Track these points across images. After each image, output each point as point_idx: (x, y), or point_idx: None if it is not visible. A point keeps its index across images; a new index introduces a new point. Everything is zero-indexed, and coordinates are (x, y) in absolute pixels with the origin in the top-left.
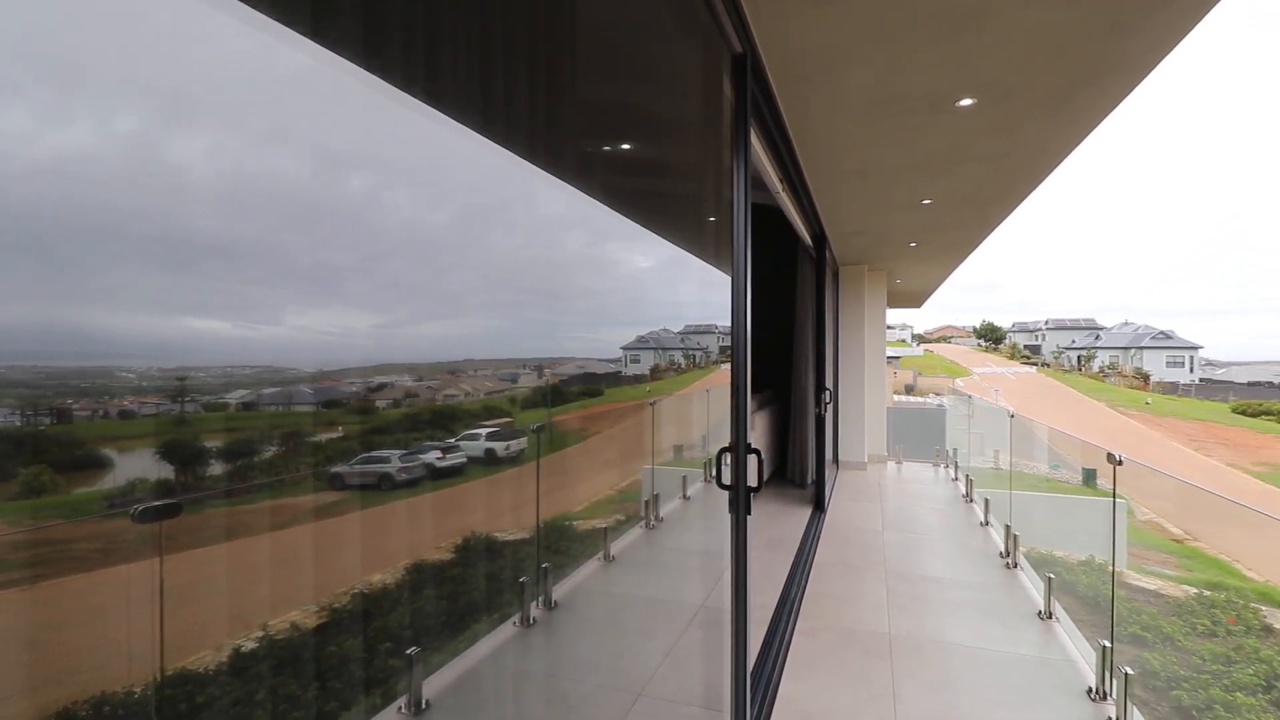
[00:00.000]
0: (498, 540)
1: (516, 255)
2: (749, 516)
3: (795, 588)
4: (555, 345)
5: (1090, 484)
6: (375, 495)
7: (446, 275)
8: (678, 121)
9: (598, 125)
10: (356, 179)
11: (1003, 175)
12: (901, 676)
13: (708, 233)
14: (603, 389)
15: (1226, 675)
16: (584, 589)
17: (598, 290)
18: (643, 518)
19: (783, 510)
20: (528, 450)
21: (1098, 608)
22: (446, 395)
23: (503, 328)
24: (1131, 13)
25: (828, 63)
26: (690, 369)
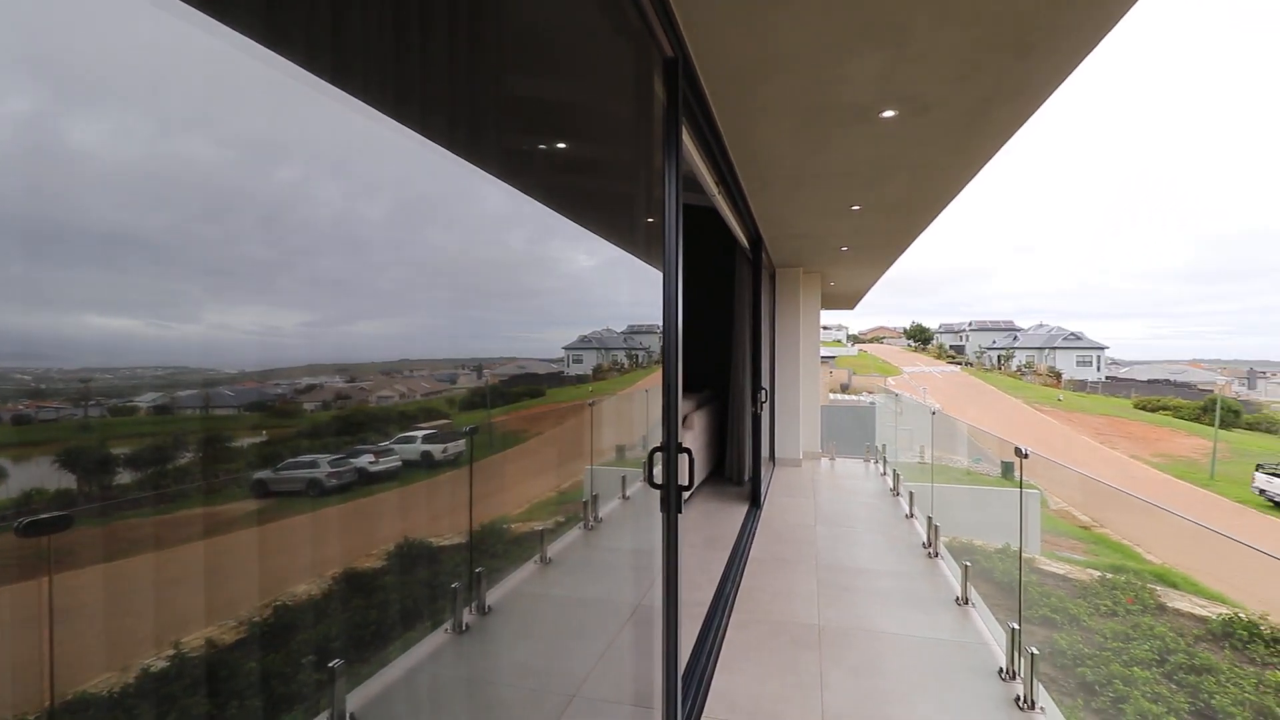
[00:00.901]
0: (432, 546)
1: (455, 253)
2: (681, 515)
3: (730, 583)
4: (496, 345)
5: (1008, 476)
6: (302, 502)
7: (381, 272)
8: (616, 123)
9: (535, 124)
10: (283, 170)
11: (925, 184)
12: (828, 664)
13: (648, 233)
14: (544, 389)
15: (1125, 651)
16: (520, 592)
17: (540, 290)
18: (582, 519)
19: (721, 508)
20: (466, 453)
21: (1012, 592)
22: (381, 397)
23: (441, 327)
24: (1037, 34)
25: (758, 70)
26: (633, 369)
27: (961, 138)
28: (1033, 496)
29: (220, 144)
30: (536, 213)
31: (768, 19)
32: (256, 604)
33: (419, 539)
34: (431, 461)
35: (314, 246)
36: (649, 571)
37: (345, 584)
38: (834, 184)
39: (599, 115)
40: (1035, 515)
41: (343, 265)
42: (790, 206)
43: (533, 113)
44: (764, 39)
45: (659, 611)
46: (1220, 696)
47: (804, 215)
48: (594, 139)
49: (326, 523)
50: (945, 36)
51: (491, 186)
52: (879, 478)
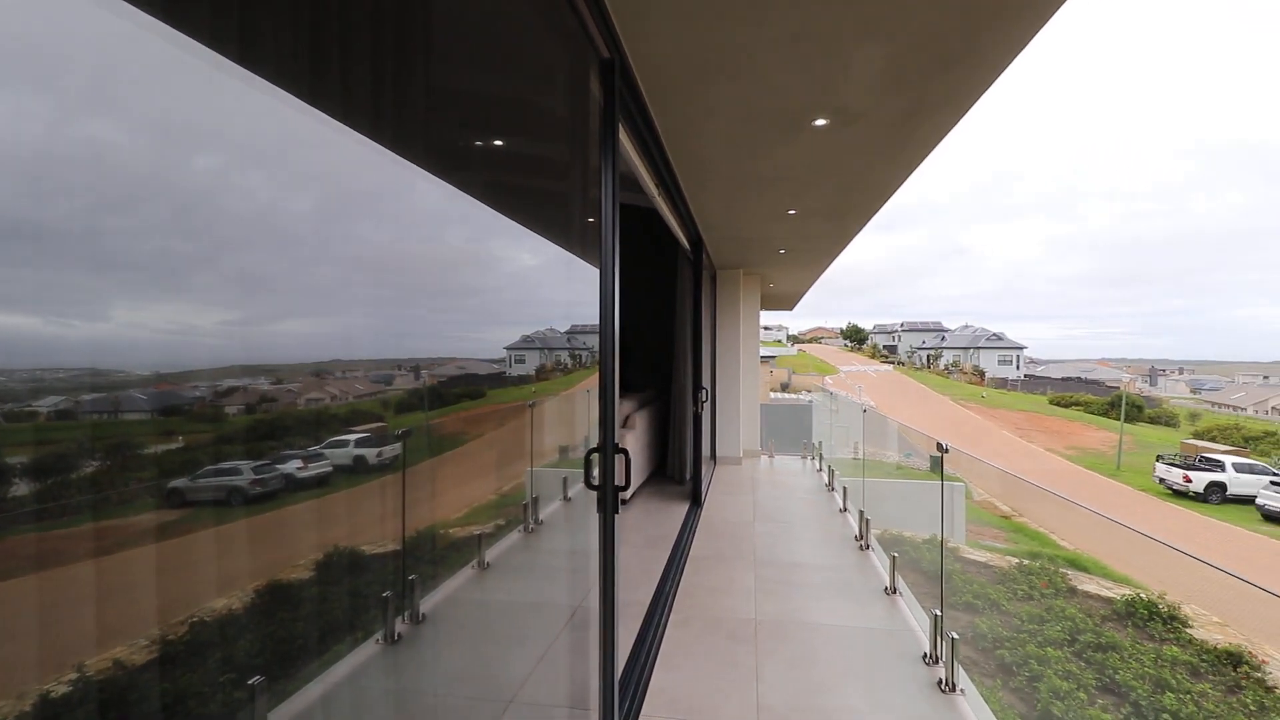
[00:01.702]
0: (364, 553)
1: (391, 250)
2: (621, 515)
3: (670, 581)
4: (434, 345)
5: (936, 470)
6: (223, 512)
7: (310, 269)
8: (553, 122)
9: (470, 121)
10: (202, 158)
11: (856, 191)
12: (764, 657)
13: (590, 233)
14: (485, 390)
15: (1040, 633)
16: (456, 599)
17: (480, 289)
18: (522, 521)
19: (662, 507)
20: (403, 457)
21: (938, 580)
22: (310, 399)
23: (375, 326)
24: (957, 50)
25: (694, 75)
26: (576, 369)
27: (889, 147)
28: (957, 489)
29: (130, 129)
30: (475, 211)
31: (702, 25)
32: (171, 620)
33: (350, 547)
34: (365, 466)
35: (236, 240)
36: (589, 573)
37: (269, 596)
38: (770, 188)
39: (536, 114)
40: (960, 507)
41: (268, 261)
42: (729, 209)
43: (468, 110)
44: (699, 45)
45: (597, 613)
46: (1124, 671)
47: (743, 218)
48: (532, 137)
49: (250, 532)
50: (871, 50)
51: (428, 183)
52: (815, 474)
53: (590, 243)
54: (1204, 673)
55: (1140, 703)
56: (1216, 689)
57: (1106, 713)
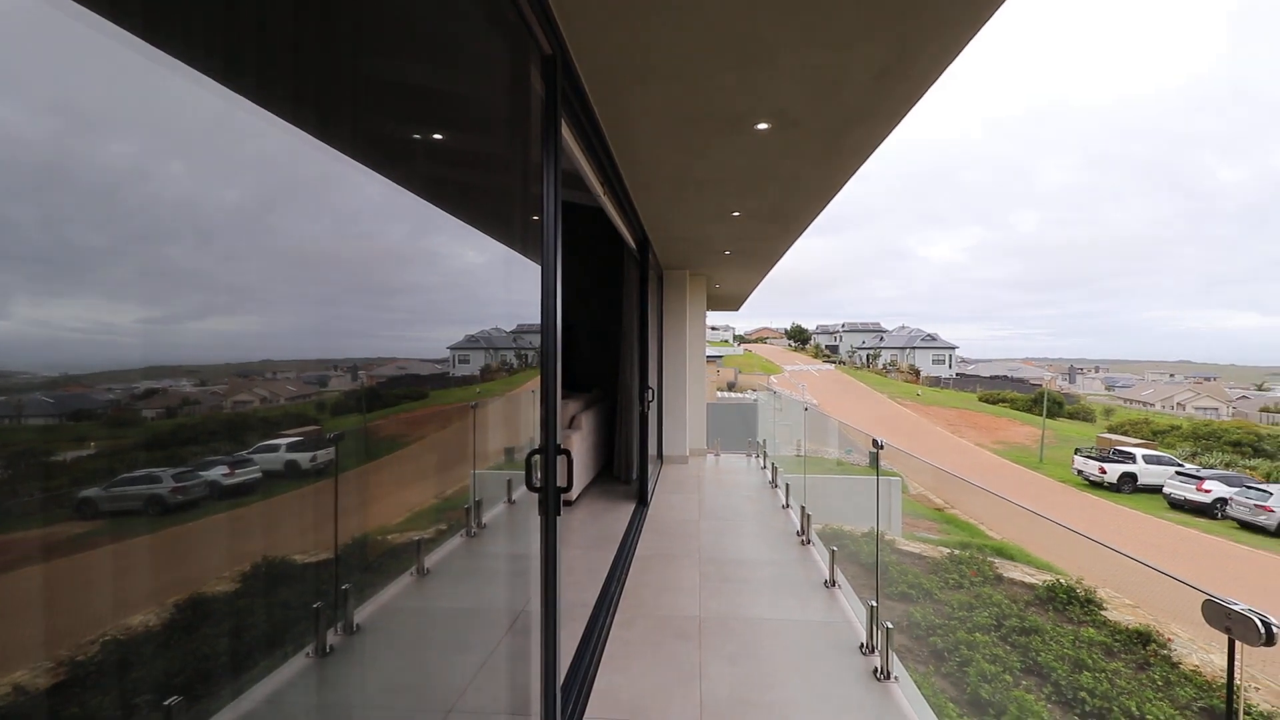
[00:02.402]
0: (296, 563)
1: (325, 245)
2: (566, 517)
3: (615, 582)
4: (373, 345)
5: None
6: (142, 523)
7: (238, 263)
8: (495, 117)
9: (410, 115)
10: (117, 143)
11: (798, 194)
12: (708, 654)
13: (535, 230)
14: (428, 391)
15: (969, 619)
16: (393, 607)
17: (422, 287)
18: (464, 526)
19: (609, 507)
20: (339, 461)
21: (876, 572)
22: (238, 402)
23: (309, 325)
24: (889, 61)
25: (638, 74)
26: (523, 369)
27: (828, 152)
28: (894, 483)
29: (31, 110)
30: (416, 206)
31: (645, 25)
32: (80, 640)
33: (280, 557)
34: (298, 471)
35: (156, 232)
36: (532, 577)
37: (190, 611)
38: (714, 190)
39: (477, 108)
40: (897, 501)
41: (192, 255)
42: (674, 210)
43: (406, 102)
44: (643, 44)
45: (539, 617)
46: (1045, 653)
47: (688, 219)
48: (473, 132)
49: (170, 544)
50: (810, 58)
51: (363, 176)
52: (759, 471)
53: (535, 240)
54: (1117, 652)
55: (1060, 683)
56: (1128, 667)
57: (1030, 693)
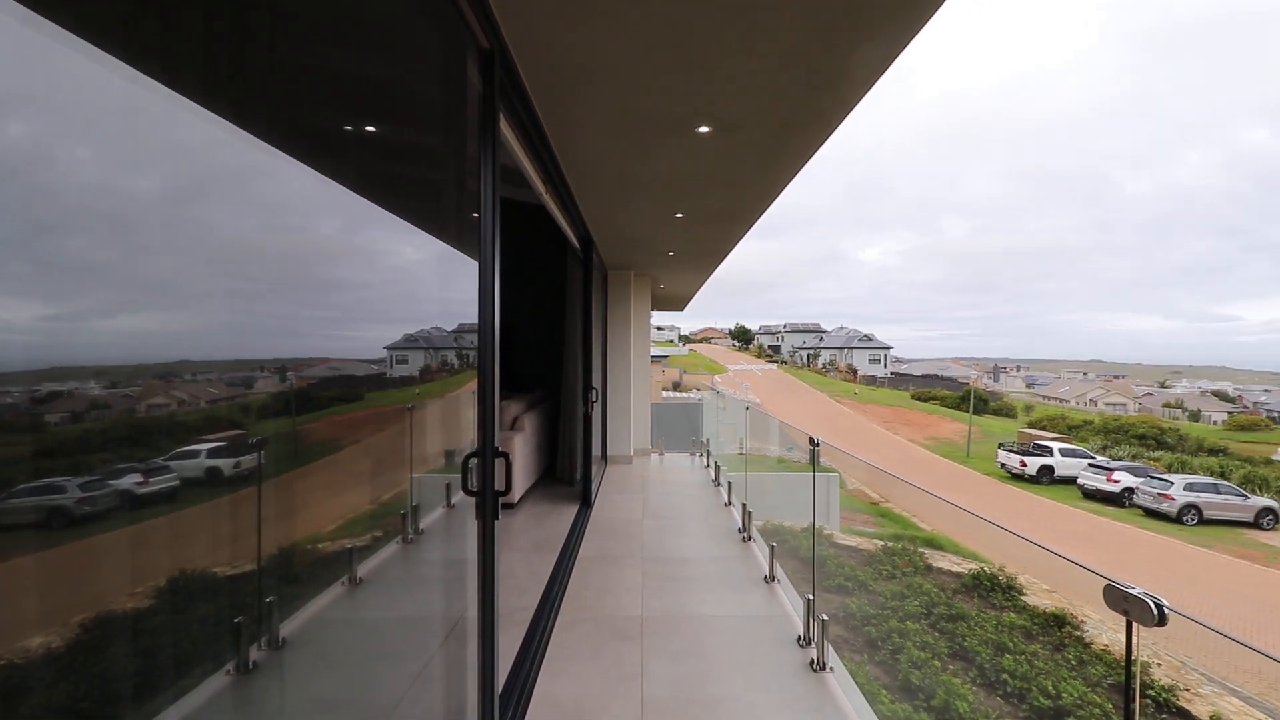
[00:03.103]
0: (216, 576)
1: (251, 239)
2: (509, 520)
3: (558, 585)
4: (303, 344)
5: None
6: (43, 536)
7: (152, 257)
8: (434, 110)
9: (343, 106)
10: (15, 125)
11: (739, 197)
12: (650, 654)
13: (473, 228)
14: (363, 393)
15: (901, 609)
16: (323, 619)
17: (357, 284)
18: (400, 532)
19: (552, 510)
20: (265, 467)
21: (817, 568)
22: (153, 405)
23: (234, 323)
24: (825, 71)
25: (579, 73)
26: (464, 370)
27: (768, 156)
28: (833, 479)
29: None
30: (350, 201)
31: (585, 24)
32: None
33: (199, 569)
34: (220, 478)
35: (58, 221)
36: (471, 582)
37: (98, 631)
38: (657, 191)
39: (412, 101)
40: (835, 496)
41: (100, 248)
42: (617, 210)
43: (336, 92)
44: (583, 43)
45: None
46: (970, 638)
47: (631, 220)
48: (409, 125)
49: (76, 558)
50: (748, 64)
51: (293, 168)
52: (703, 470)
53: (475, 237)
54: (1035, 634)
55: (984, 666)
56: (1045, 648)
57: (956, 677)
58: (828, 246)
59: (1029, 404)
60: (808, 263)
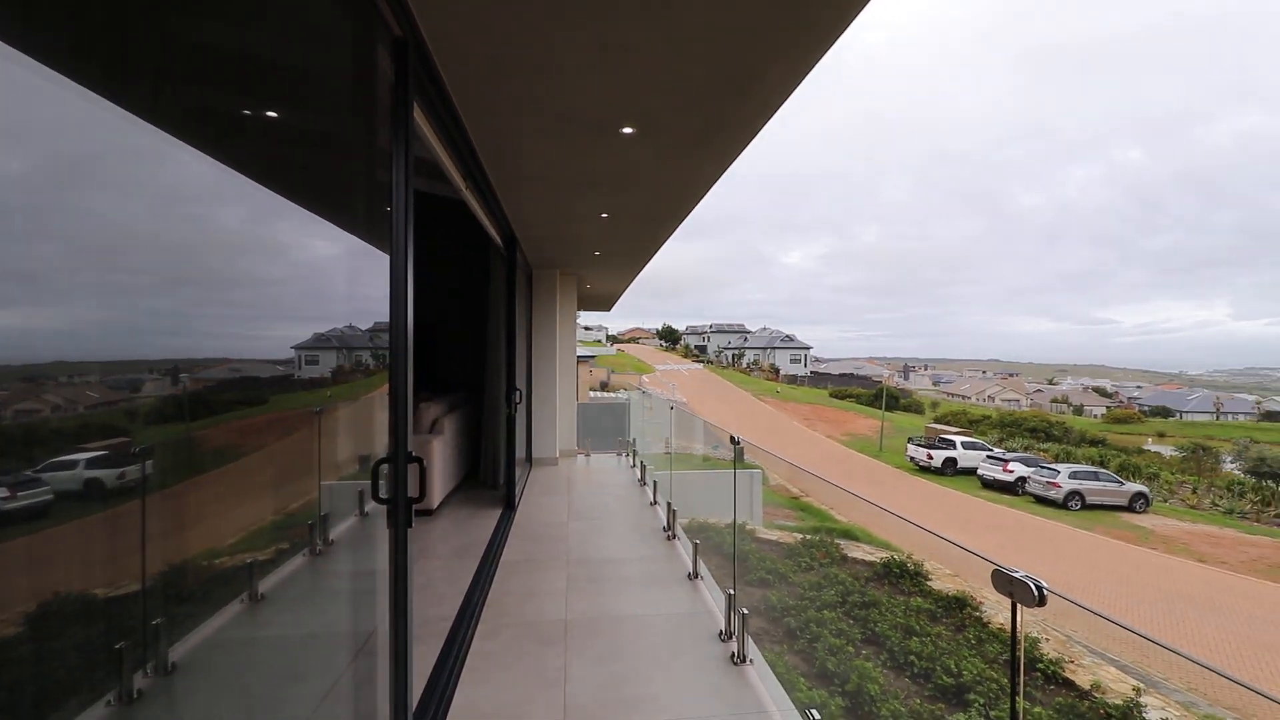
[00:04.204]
0: (96, 598)
1: (137, 229)
2: (428, 527)
3: (479, 592)
4: (199, 344)
5: (739, 460)
6: None
7: (20, 247)
8: (344, 100)
9: (243, 89)
10: None
11: (664, 198)
12: (573, 657)
13: (387, 222)
14: (268, 396)
15: (819, 599)
16: (218, 640)
17: (262, 280)
18: (307, 543)
19: (474, 515)
20: (154, 477)
21: (738, 563)
22: (21, 411)
23: (116, 320)
24: (747, 76)
25: (497, 68)
26: (380, 370)
27: (691, 159)
28: (756, 475)
29: None
30: (253, 191)
31: (501, 18)
32: None
33: (75, 591)
34: (101, 491)
35: None
36: (383, 594)
37: None
38: (582, 191)
39: (318, 87)
40: (758, 492)
41: None
42: (542, 209)
43: (234, 76)
44: (501, 37)
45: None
46: (881, 624)
47: (556, 219)
48: (316, 113)
49: None
50: (672, 67)
51: (187, 155)
52: (629, 470)
53: (388, 231)
54: (940, 617)
55: (894, 649)
56: (949, 629)
57: (868, 661)
58: (753, 249)
59: (935, 401)
60: (734, 264)
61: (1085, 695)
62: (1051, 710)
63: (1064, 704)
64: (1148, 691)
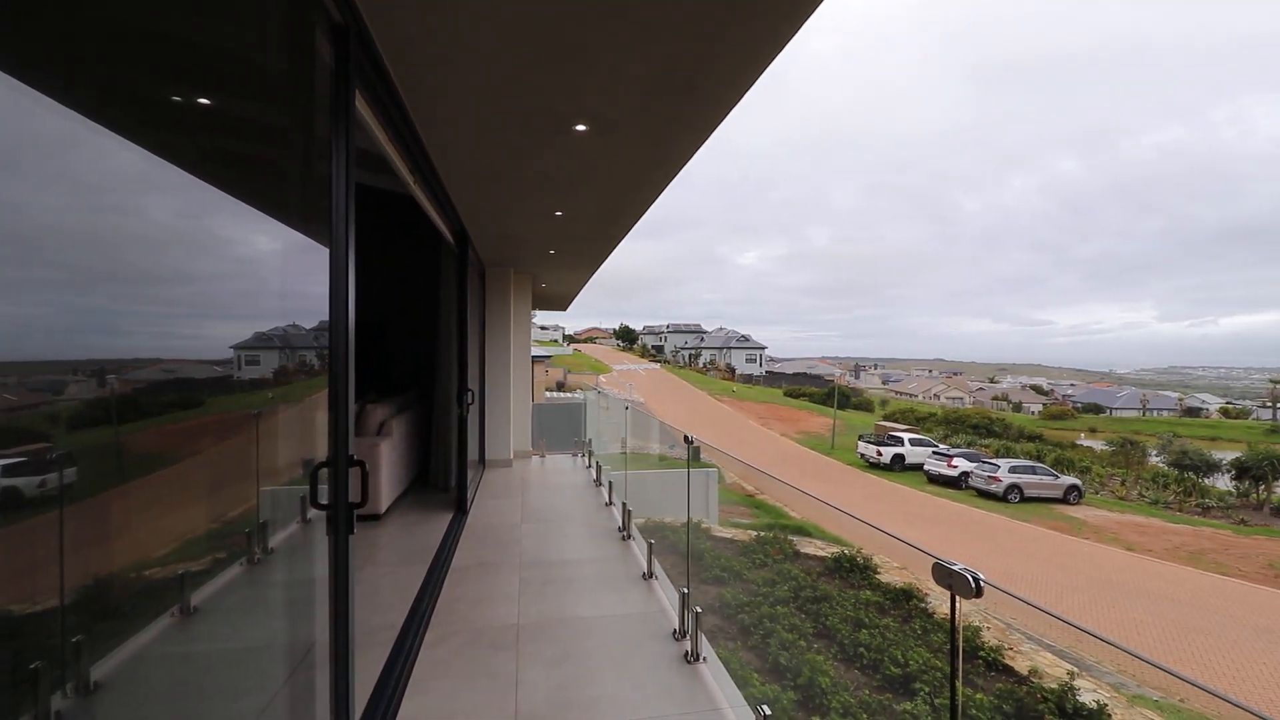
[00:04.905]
0: (10, 615)
1: (58, 222)
2: (355, 535)
3: (427, 598)
4: (129, 343)
5: (696, 460)
6: None
7: None
8: (282, 88)
9: (174, 76)
10: None
11: (618, 197)
12: (525, 662)
13: (328, 215)
14: (204, 398)
15: (772, 594)
16: (147, 656)
17: (198, 276)
18: (245, 552)
19: (423, 519)
20: (78, 485)
21: (694, 561)
22: None
23: (35, 318)
24: (701, 75)
25: (446, 60)
26: (326, 370)
27: (646, 158)
28: (711, 474)
29: None
30: (186, 183)
31: (448, 8)
32: None
33: None
34: (19, 500)
35: None
36: (324, 604)
37: None
38: (535, 188)
39: (255, 75)
40: (714, 490)
41: None
42: (494, 206)
43: (161, 61)
44: (447, 29)
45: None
46: (832, 617)
47: (509, 216)
48: (253, 102)
49: None
50: (625, 65)
51: (112, 143)
52: (585, 471)
53: (328, 225)
54: (888, 609)
55: (844, 641)
56: (896, 620)
57: (820, 654)
58: (709, 250)
59: (884, 399)
60: (691, 265)
61: (1023, 681)
62: (992, 696)
63: (1004, 690)
64: (1081, 675)
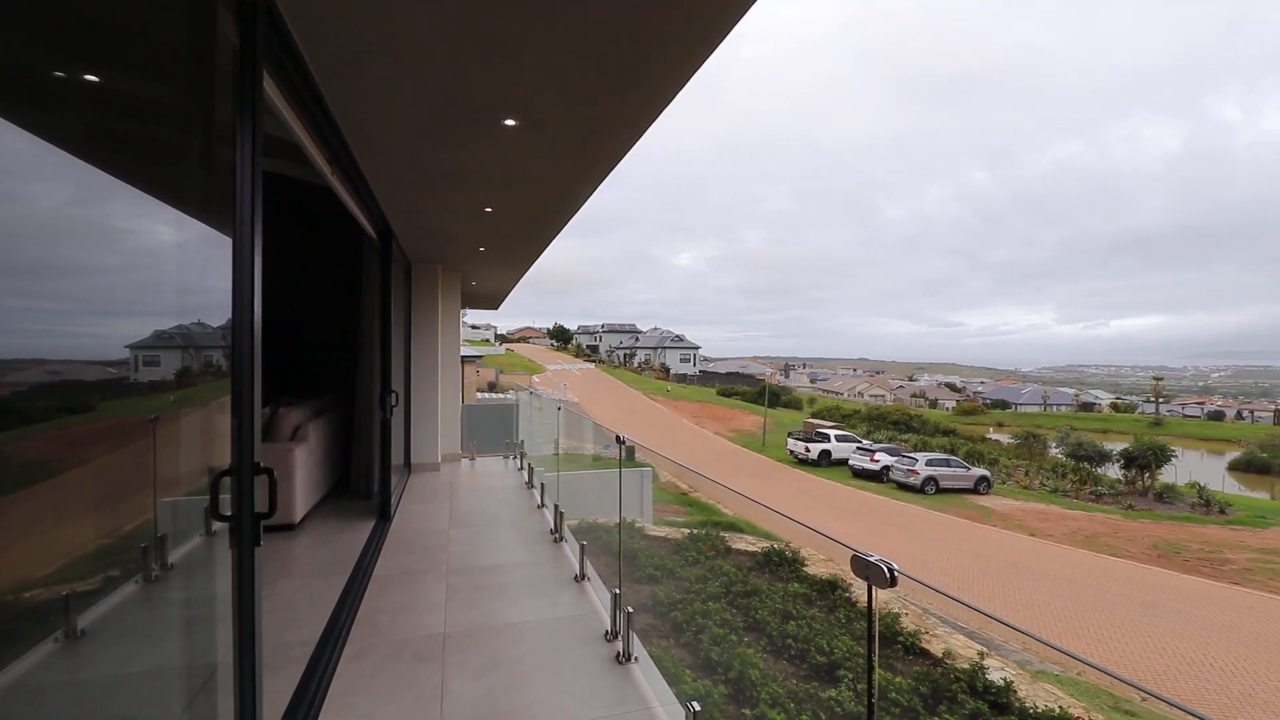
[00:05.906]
0: None
1: None
2: (262, 548)
3: (346, 611)
4: (7, 342)
5: (631, 459)
6: None
7: None
8: (181, 69)
9: (56, 50)
10: None
11: (550, 195)
12: (451, 672)
13: (232, 204)
14: (95, 402)
15: (704, 591)
16: (23, 686)
17: (86, 268)
18: (141, 569)
19: (342, 527)
20: None
21: (627, 561)
22: None
23: None
24: (631, 74)
25: (365, 46)
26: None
27: (577, 156)
28: (646, 473)
29: None
30: (72, 166)
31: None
32: None
33: None
34: None
35: None
36: (228, 623)
37: None
38: (464, 184)
39: (149, 50)
40: (648, 489)
41: None
42: (420, 201)
43: (43, 35)
44: (365, 13)
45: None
46: (762, 610)
47: (436, 212)
48: (149, 79)
49: None
50: (553, 60)
51: None
52: (517, 473)
53: (232, 215)
54: (814, 600)
55: (773, 634)
56: (822, 610)
57: (750, 648)
58: (643, 250)
59: (812, 397)
60: (625, 264)
61: (939, 663)
62: (910, 679)
63: (921, 672)
64: (990, 655)
